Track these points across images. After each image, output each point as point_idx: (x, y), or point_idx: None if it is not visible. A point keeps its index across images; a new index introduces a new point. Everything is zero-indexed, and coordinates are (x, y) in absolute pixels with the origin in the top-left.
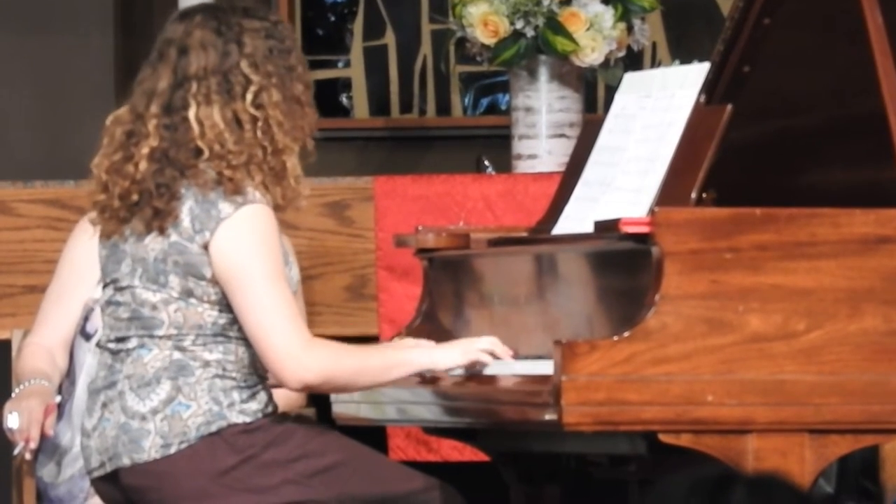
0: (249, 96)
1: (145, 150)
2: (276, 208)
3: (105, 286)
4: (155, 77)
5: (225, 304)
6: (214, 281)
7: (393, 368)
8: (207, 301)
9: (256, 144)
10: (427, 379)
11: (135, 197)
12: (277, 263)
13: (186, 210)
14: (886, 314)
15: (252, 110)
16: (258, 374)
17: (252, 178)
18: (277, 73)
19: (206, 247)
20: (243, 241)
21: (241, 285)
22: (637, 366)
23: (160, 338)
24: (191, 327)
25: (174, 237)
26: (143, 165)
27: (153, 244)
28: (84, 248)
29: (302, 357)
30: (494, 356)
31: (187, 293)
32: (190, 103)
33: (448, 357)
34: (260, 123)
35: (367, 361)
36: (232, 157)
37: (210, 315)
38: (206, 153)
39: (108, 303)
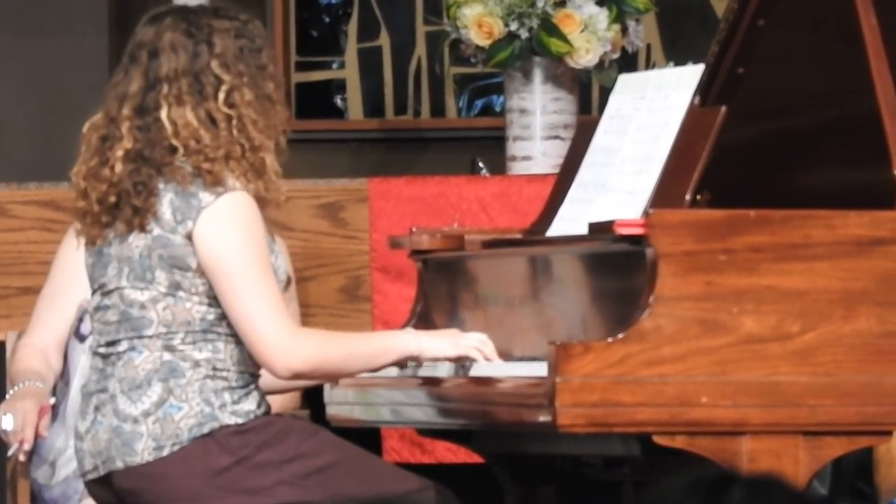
0: (222, 95)
1: (120, 153)
2: (259, 201)
3: (93, 293)
4: (127, 80)
5: (213, 298)
6: (200, 272)
7: (381, 354)
8: (195, 294)
9: (234, 142)
10: (421, 380)
11: (112, 199)
12: (262, 251)
13: (167, 203)
14: (881, 315)
15: (225, 109)
16: (249, 373)
17: (232, 171)
18: (249, 73)
19: (189, 237)
20: (226, 230)
21: (226, 274)
22: (631, 367)
23: (150, 338)
24: (180, 324)
25: (157, 231)
26: (118, 167)
27: (137, 241)
28: (78, 249)
29: (290, 345)
30: (482, 354)
31: (175, 287)
32: (161, 104)
33: (436, 345)
34: (234, 122)
35: (354, 347)
36: (209, 151)
37: (199, 310)
38: (182, 150)
39: (97, 308)
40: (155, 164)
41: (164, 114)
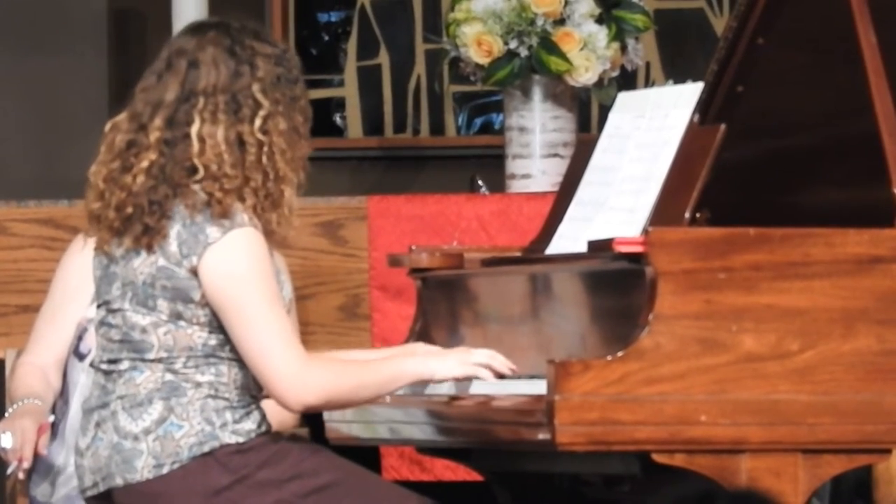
0: (258, 121)
1: (144, 164)
2: (268, 234)
3: (99, 306)
4: (161, 87)
5: (215, 326)
6: (203, 303)
7: (391, 381)
8: (197, 323)
9: (258, 169)
10: (420, 399)
11: (129, 210)
12: (271, 286)
13: (175, 233)
14: (880, 334)
15: (259, 135)
16: (251, 394)
17: (243, 202)
18: (284, 102)
19: (193, 271)
20: (234, 267)
21: (236, 312)
22: (630, 385)
23: (151, 361)
24: (181, 349)
25: (162, 261)
26: (140, 179)
27: (142, 267)
28: (77, 266)
29: (302, 379)
30: (492, 370)
31: (176, 316)
32: (194, 119)
33: (444, 367)
34: (265, 149)
35: (365, 378)
36: (226, 181)
37: (200, 337)
38: (201, 172)
39: (101, 323)
40: (173, 183)
41: (194, 129)
